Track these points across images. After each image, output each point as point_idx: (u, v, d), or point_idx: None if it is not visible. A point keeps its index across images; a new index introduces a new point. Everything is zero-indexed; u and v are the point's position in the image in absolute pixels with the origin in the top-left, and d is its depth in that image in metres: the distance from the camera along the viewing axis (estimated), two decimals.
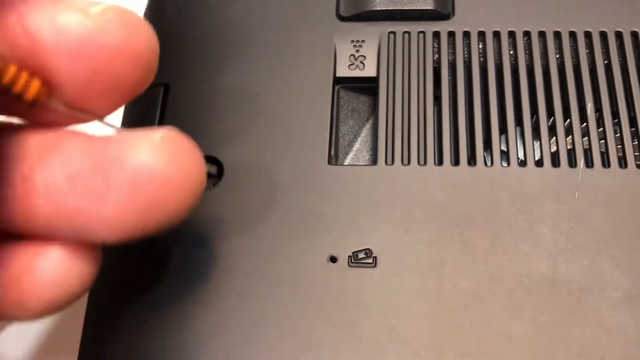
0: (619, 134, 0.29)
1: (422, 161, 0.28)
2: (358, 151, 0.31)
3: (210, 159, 0.29)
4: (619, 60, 0.30)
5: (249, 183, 0.28)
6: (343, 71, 0.31)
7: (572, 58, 0.30)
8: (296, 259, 0.26)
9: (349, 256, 0.26)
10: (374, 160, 0.29)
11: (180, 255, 0.27)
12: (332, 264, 0.26)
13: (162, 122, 0.30)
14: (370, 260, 0.26)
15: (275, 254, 0.27)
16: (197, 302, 0.26)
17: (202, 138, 0.29)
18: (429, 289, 0.25)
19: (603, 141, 0.29)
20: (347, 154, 0.31)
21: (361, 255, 0.26)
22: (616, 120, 0.29)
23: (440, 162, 0.28)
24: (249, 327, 0.25)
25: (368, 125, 0.32)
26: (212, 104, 0.30)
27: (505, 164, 0.28)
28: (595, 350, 0.24)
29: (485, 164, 0.28)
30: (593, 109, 0.29)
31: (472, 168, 0.28)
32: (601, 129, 0.29)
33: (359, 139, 0.31)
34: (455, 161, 0.28)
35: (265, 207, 0.28)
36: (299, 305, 0.26)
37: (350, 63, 0.31)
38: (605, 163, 0.28)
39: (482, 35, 0.31)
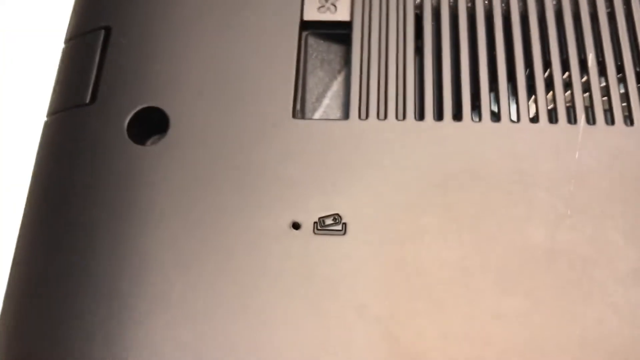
0: (624, 90, 0.25)
1: (400, 115, 0.24)
2: (328, 107, 0.27)
3: (153, 110, 0.25)
4: (624, 8, 0.27)
5: (199, 138, 0.24)
6: (311, 14, 0.27)
7: (572, 4, 0.27)
8: (252, 225, 0.22)
9: (315, 222, 0.22)
10: (345, 115, 0.25)
11: (115, 221, 0.23)
12: (294, 230, 0.22)
13: (100, 70, 0.26)
14: (339, 227, 0.22)
15: (228, 219, 0.23)
16: (131, 277, 0.22)
17: (145, 86, 0.25)
18: (407, 261, 0.22)
19: (606, 98, 0.25)
20: (315, 110, 0.27)
21: (329, 221, 0.23)
22: (620, 74, 0.26)
23: (421, 116, 0.24)
24: (193, 304, 0.21)
25: (339, 79, 0.28)
26: (158, 49, 0.26)
27: (495, 120, 0.24)
28: (600, 330, 0.21)
29: (473, 119, 0.24)
30: (595, 61, 0.26)
31: (458, 124, 0.24)
32: (604, 84, 0.25)
33: (329, 94, 0.27)
34: (439, 116, 0.24)
35: (217, 166, 0.24)
36: (254, 278, 0.22)
37: (320, 5, 0.27)
38: (609, 120, 0.24)
39: None
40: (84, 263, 0.23)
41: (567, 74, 0.26)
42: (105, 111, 0.25)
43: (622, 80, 0.25)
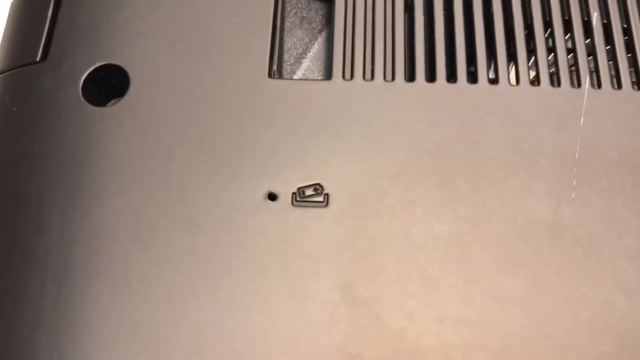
0: (631, 54, 0.23)
1: (389, 76, 0.22)
2: (307, 70, 0.25)
3: (111, 68, 0.22)
4: None
5: (163, 98, 0.21)
6: None
7: None
8: (224, 196, 0.20)
9: (294, 193, 0.20)
10: (328, 75, 0.22)
11: (66, 191, 0.20)
12: (270, 202, 0.20)
13: (54, 24, 0.23)
14: (320, 198, 0.20)
15: (197, 189, 0.20)
16: (85, 255, 0.19)
17: (103, 41, 0.22)
18: (396, 236, 0.19)
19: (612, 62, 0.23)
20: (293, 72, 0.24)
21: (309, 191, 0.20)
22: (627, 37, 0.24)
23: (412, 77, 0.22)
24: (156, 286, 0.19)
25: (320, 39, 0.25)
26: (117, 1, 0.23)
27: (493, 82, 0.22)
28: (609, 313, 0.19)
29: (469, 80, 0.22)
30: (600, 21, 0.24)
31: (452, 86, 0.22)
32: (609, 46, 0.23)
33: (309, 55, 0.25)
34: (431, 77, 0.22)
35: (184, 130, 0.21)
36: (225, 256, 0.19)
37: None
38: (615, 84, 0.22)
39: None
40: (31, 239, 0.20)
41: (568, 35, 0.24)
42: (58, 69, 0.23)
43: (630, 42, 0.23)
